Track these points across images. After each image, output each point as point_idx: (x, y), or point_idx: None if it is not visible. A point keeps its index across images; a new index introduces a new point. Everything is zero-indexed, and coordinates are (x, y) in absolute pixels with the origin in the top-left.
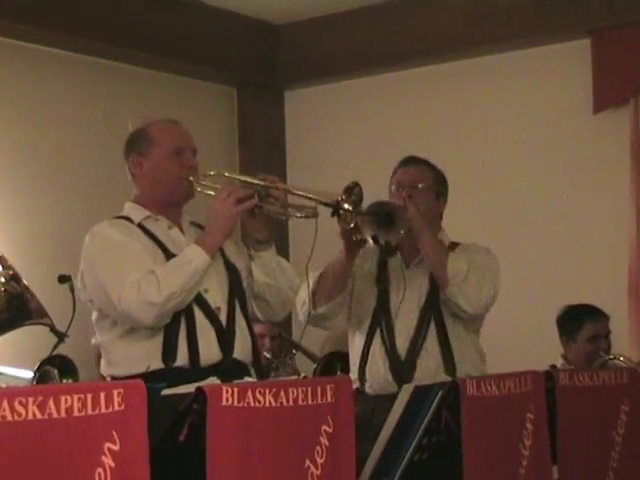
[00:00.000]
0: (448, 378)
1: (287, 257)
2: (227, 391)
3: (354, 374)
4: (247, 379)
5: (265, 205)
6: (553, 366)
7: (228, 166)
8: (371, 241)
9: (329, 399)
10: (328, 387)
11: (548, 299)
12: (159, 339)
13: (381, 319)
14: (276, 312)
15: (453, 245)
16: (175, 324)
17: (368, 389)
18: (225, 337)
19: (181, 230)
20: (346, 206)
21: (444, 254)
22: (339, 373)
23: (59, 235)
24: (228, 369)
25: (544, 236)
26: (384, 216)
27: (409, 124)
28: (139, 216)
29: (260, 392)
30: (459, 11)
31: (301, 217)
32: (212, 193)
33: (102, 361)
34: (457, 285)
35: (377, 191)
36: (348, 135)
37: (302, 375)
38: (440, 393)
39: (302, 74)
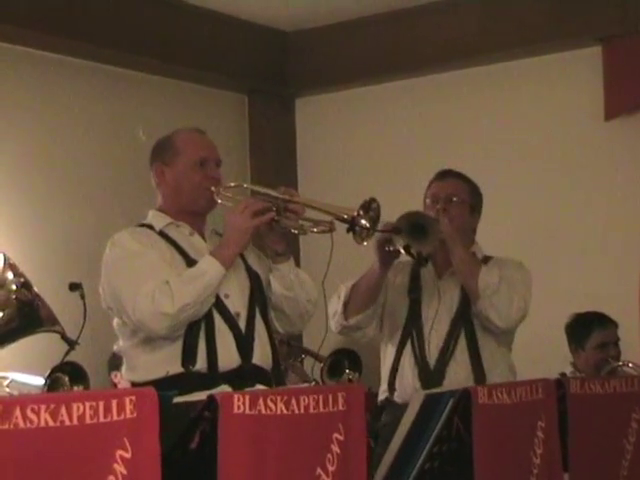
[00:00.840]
0: None
1: (298, 262)
2: (239, 399)
3: (384, 384)
4: (259, 387)
5: (282, 219)
6: (563, 374)
7: (239, 174)
8: (403, 251)
9: (340, 407)
10: (340, 395)
11: (556, 307)
12: (179, 344)
13: (412, 329)
14: (294, 324)
15: (486, 259)
16: (195, 329)
17: (397, 398)
18: (244, 343)
19: (203, 238)
20: (363, 222)
21: (476, 267)
22: (347, 371)
23: (70, 242)
24: (247, 375)
25: (552, 243)
26: (417, 227)
27: (423, 132)
28: (161, 223)
29: (272, 400)
30: (471, 18)
31: (317, 232)
32: (231, 205)
33: (123, 367)
34: (488, 298)
35: (393, 200)
36: (361, 143)
37: (313, 382)
38: (451, 401)
39: (313, 81)
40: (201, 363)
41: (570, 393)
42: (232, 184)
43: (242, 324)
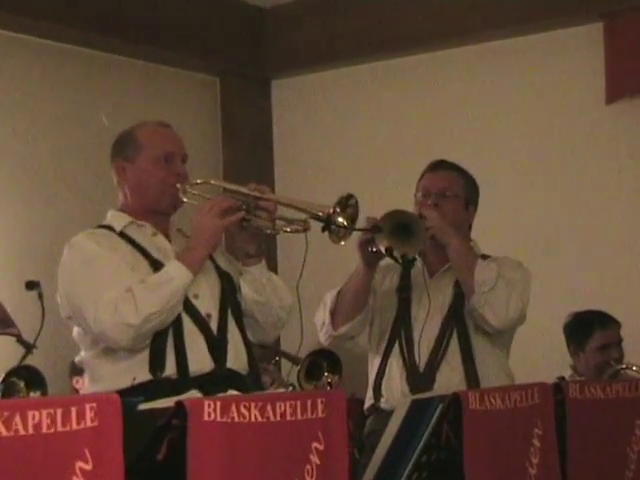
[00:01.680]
0: None
1: (275, 270)
2: (209, 405)
3: (370, 390)
4: (231, 392)
5: (253, 218)
6: (561, 378)
7: (210, 165)
8: (385, 253)
9: (320, 414)
10: (319, 400)
11: (555, 305)
12: (146, 349)
13: (400, 330)
14: (266, 332)
15: (483, 257)
16: (162, 332)
17: (384, 404)
18: (216, 345)
19: (167, 238)
20: (339, 220)
21: (473, 259)
22: (326, 374)
23: (27, 237)
24: (221, 380)
25: (551, 236)
26: (401, 227)
27: (412, 118)
28: (121, 224)
29: (245, 406)
30: None
31: (291, 231)
32: (197, 203)
33: (86, 379)
34: (483, 294)
35: (379, 193)
36: (344, 129)
37: (290, 386)
38: (440, 407)
39: (291, 62)
40: (170, 369)
41: (569, 398)
42: (199, 181)
43: (214, 326)
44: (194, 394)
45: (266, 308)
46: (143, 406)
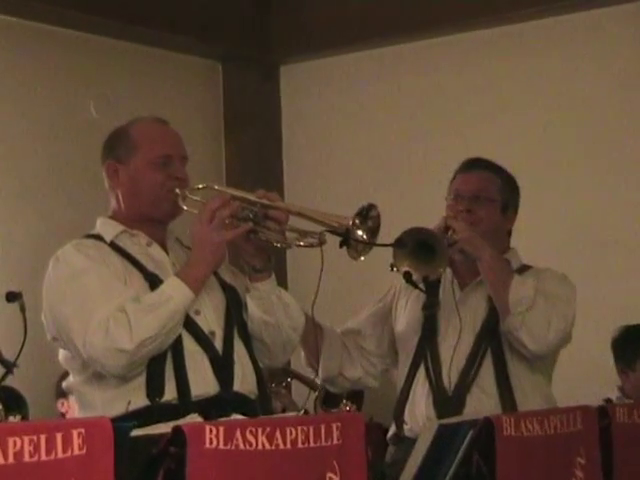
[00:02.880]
0: None
1: (285, 285)
2: (211, 431)
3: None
4: (236, 416)
5: (261, 229)
6: (608, 400)
7: (211, 160)
8: (402, 278)
9: (335, 440)
10: (334, 426)
11: (601, 318)
12: (142, 373)
13: (426, 350)
14: (275, 356)
15: (523, 268)
16: (160, 353)
17: (407, 432)
18: (222, 366)
19: (164, 249)
20: (359, 234)
21: (507, 276)
22: (344, 401)
23: (8, 245)
24: (228, 405)
25: (595, 243)
26: (421, 245)
27: (433, 107)
28: (111, 233)
29: (251, 432)
30: None
31: (304, 245)
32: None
33: (76, 406)
34: (520, 315)
35: (397, 194)
36: (359, 119)
37: (302, 410)
38: (471, 433)
39: (302, 45)
40: (170, 393)
41: (616, 422)
42: (200, 186)
43: (218, 345)
44: (194, 418)
45: (275, 329)
46: (137, 432)
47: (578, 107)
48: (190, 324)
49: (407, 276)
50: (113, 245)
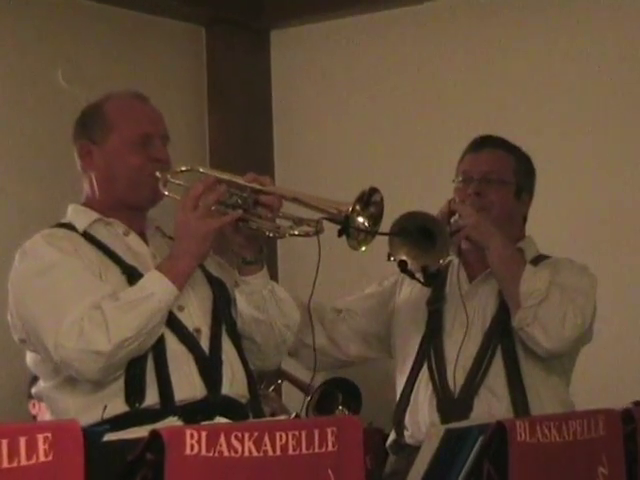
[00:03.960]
0: None
1: (275, 278)
2: (192, 436)
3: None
4: (219, 420)
5: (251, 217)
6: (636, 403)
7: (192, 136)
8: (398, 266)
9: (330, 447)
10: (329, 431)
11: (627, 312)
12: (120, 376)
13: (429, 349)
14: (267, 357)
15: (539, 258)
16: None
17: (409, 439)
18: (209, 367)
19: (143, 239)
20: (360, 221)
21: (518, 266)
22: (340, 408)
23: None
24: (216, 410)
25: (619, 230)
26: (421, 231)
27: (442, 76)
28: (84, 221)
29: (237, 437)
30: None
31: (300, 235)
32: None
33: (47, 413)
34: (531, 309)
35: (401, 175)
36: (360, 89)
37: (293, 414)
38: (481, 438)
39: (296, 7)
40: (152, 398)
41: None
42: (183, 168)
43: (204, 343)
44: (173, 422)
45: (267, 327)
46: (110, 436)
47: (600, 82)
48: (173, 321)
49: (402, 265)
50: (86, 235)
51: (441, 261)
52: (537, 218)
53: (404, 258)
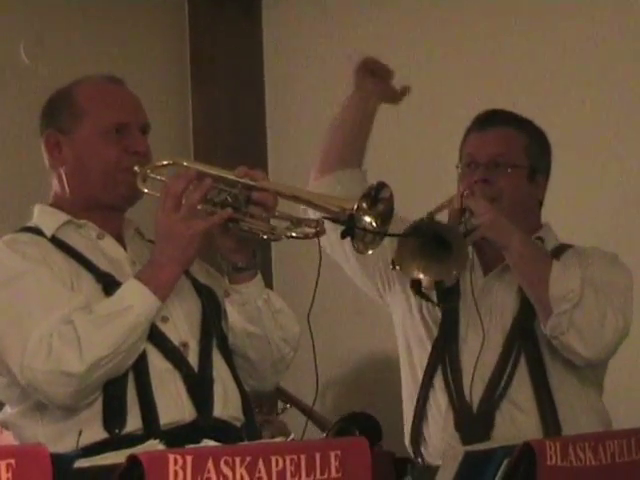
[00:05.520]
0: None
1: (269, 285)
2: (176, 461)
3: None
4: (207, 442)
5: (242, 217)
6: None
7: (174, 122)
8: (410, 288)
9: (334, 472)
10: (332, 454)
11: None
12: (97, 402)
13: (444, 353)
14: (263, 377)
15: (561, 248)
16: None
17: (427, 457)
18: (198, 386)
19: (121, 242)
20: (367, 220)
21: (544, 265)
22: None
23: None
24: (206, 433)
25: None
26: (433, 241)
27: (449, 52)
28: (52, 225)
29: (227, 462)
30: None
31: (297, 237)
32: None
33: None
34: (566, 314)
35: (392, 151)
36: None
37: (291, 436)
38: (506, 462)
39: None
40: (134, 423)
41: None
42: (165, 162)
43: (193, 359)
44: (154, 445)
45: (263, 342)
46: (82, 462)
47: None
48: (156, 334)
49: (416, 286)
50: (55, 240)
51: (457, 274)
52: (555, 204)
53: (417, 276)
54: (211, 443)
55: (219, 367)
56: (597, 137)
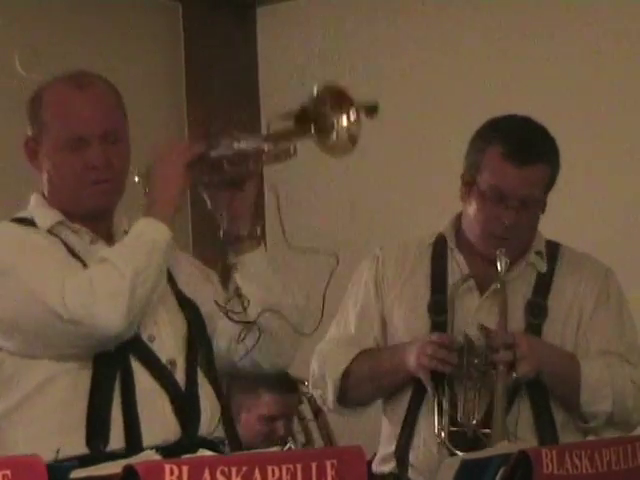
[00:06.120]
0: None
1: None
2: (172, 471)
3: (385, 447)
4: (203, 452)
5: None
6: None
7: (169, 123)
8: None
9: None
10: (328, 463)
11: None
12: (79, 408)
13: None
14: (283, 349)
15: (550, 249)
16: (105, 388)
17: (412, 474)
18: (185, 405)
19: (111, 244)
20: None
21: (574, 374)
22: None
23: None
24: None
25: None
26: None
27: (443, 55)
28: (47, 221)
29: (224, 472)
30: None
31: (273, 162)
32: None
33: None
34: (600, 418)
35: (389, 156)
36: (349, 67)
37: (288, 445)
38: (502, 470)
39: None
40: (117, 441)
41: None
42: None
43: (180, 377)
44: (150, 455)
45: (281, 311)
46: (78, 473)
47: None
48: (144, 353)
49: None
50: (51, 234)
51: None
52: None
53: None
54: (207, 453)
55: (202, 383)
56: (597, 138)
